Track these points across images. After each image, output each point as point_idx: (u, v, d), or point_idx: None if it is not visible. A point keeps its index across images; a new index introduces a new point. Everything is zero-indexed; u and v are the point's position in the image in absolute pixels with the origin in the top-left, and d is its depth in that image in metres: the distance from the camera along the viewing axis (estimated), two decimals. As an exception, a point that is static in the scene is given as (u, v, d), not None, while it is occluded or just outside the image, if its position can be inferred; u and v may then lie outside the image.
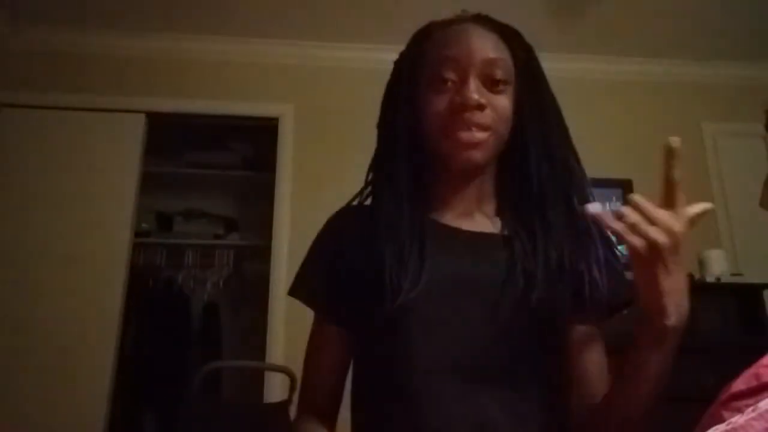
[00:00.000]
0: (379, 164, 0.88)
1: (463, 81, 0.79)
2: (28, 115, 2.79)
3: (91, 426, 2.40)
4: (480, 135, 0.78)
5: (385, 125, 0.89)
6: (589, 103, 3.11)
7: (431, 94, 0.81)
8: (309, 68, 3.00)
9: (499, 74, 0.80)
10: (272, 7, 2.76)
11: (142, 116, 2.86)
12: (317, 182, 2.74)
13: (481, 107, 0.78)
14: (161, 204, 3.37)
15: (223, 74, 2.99)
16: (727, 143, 3.06)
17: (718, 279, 2.44)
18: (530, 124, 0.83)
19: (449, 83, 0.79)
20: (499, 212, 0.87)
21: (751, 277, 2.48)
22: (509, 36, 0.85)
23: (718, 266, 2.50)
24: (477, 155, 0.79)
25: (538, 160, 0.82)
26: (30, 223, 2.64)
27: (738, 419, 0.44)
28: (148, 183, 2.93)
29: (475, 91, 0.77)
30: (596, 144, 3.02)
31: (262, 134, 3.06)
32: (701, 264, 2.55)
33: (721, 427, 0.45)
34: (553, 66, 3.57)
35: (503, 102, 0.80)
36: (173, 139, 3.25)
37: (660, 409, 0.79)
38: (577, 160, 0.86)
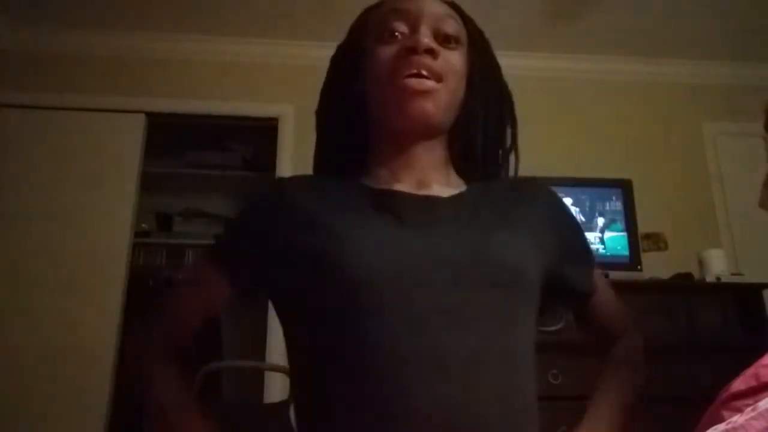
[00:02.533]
0: (321, 132, 0.85)
1: (413, 32, 0.74)
2: (28, 116, 2.79)
3: (92, 426, 2.40)
4: (430, 83, 0.72)
5: (326, 102, 0.85)
6: (589, 103, 3.11)
7: (379, 45, 0.76)
8: (309, 68, 2.98)
9: (450, 29, 0.76)
10: (272, 8, 2.76)
11: (142, 116, 2.86)
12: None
13: (432, 53, 0.72)
14: (161, 204, 3.37)
15: (223, 74, 2.99)
16: (727, 143, 3.06)
17: (718, 279, 2.44)
18: (479, 98, 0.79)
19: (398, 36, 0.75)
20: (457, 177, 0.82)
21: (751, 277, 2.48)
22: (461, 12, 0.82)
23: (718, 266, 2.50)
24: (428, 105, 0.72)
25: (484, 126, 0.80)
26: (30, 223, 2.64)
27: (738, 419, 0.44)
28: (148, 183, 2.93)
29: (427, 36, 0.73)
30: (596, 144, 3.03)
31: (262, 134, 3.06)
32: (701, 264, 2.55)
33: (721, 426, 0.45)
34: (553, 66, 3.60)
35: (455, 56, 0.76)
36: (173, 140, 3.25)
37: (660, 409, 0.79)
38: (514, 135, 0.84)
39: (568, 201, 2.65)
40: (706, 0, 2.70)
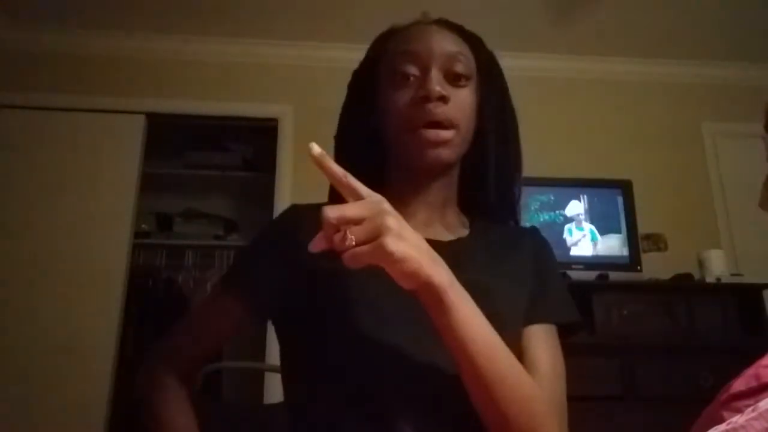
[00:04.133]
0: (339, 157, 0.87)
1: (424, 75, 0.77)
2: (28, 116, 2.79)
3: (92, 426, 2.40)
4: (445, 134, 0.76)
5: (344, 129, 0.88)
6: (589, 103, 3.11)
7: (392, 90, 0.79)
8: (309, 68, 3.00)
9: (460, 68, 0.79)
10: (272, 8, 2.76)
11: (142, 117, 2.86)
12: (317, 183, 2.73)
13: (444, 99, 0.76)
14: (161, 205, 3.37)
15: (222, 75, 2.99)
16: (727, 143, 3.06)
17: (718, 279, 2.44)
18: (490, 124, 0.82)
19: (411, 78, 0.78)
20: (463, 215, 0.87)
21: (751, 277, 2.48)
22: (470, 37, 0.84)
23: (718, 266, 2.50)
24: (444, 153, 0.77)
25: (496, 161, 0.83)
26: (30, 223, 2.64)
27: (738, 419, 0.44)
28: (148, 184, 2.93)
29: (437, 84, 0.76)
30: (596, 144, 3.03)
31: (261, 135, 3.06)
32: (701, 264, 2.55)
33: (721, 427, 0.45)
34: (553, 66, 3.60)
35: (465, 96, 0.79)
36: (173, 140, 3.25)
37: (660, 409, 0.79)
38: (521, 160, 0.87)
39: (577, 202, 2.66)
40: (706, 0, 2.70)
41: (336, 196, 0.86)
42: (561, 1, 2.70)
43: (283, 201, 2.77)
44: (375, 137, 0.82)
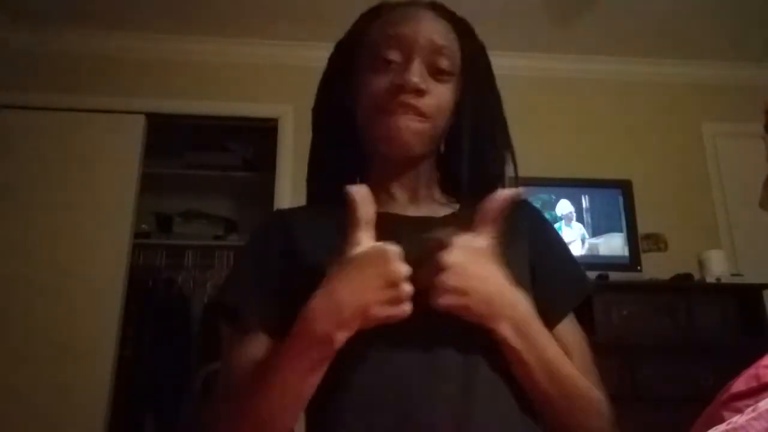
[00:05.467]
0: (315, 157, 0.85)
1: (406, 63, 0.75)
2: (27, 116, 2.79)
3: (91, 427, 2.40)
4: (417, 124, 0.74)
5: (320, 111, 0.86)
6: (588, 103, 3.11)
7: (371, 73, 0.76)
8: (309, 69, 2.96)
9: (443, 63, 0.76)
10: (272, 8, 2.76)
11: (142, 117, 2.86)
12: (317, 183, 2.74)
13: (421, 92, 0.74)
14: (161, 205, 3.37)
15: (222, 75, 2.99)
16: (727, 143, 3.06)
17: (718, 279, 2.44)
18: (466, 120, 0.80)
19: (392, 64, 0.75)
20: (447, 195, 0.85)
21: (751, 277, 2.48)
22: (461, 27, 0.81)
23: (718, 266, 2.50)
24: (412, 141, 0.75)
25: (468, 157, 0.80)
26: (30, 224, 2.64)
27: (738, 419, 0.44)
28: (148, 184, 2.93)
29: (417, 75, 0.73)
30: (596, 144, 3.03)
31: (261, 135, 3.06)
32: (701, 264, 2.55)
33: (722, 427, 0.45)
34: (553, 66, 3.59)
35: (444, 92, 0.77)
36: (173, 140, 3.25)
37: (660, 409, 0.79)
38: (513, 159, 0.83)
39: (568, 201, 2.65)
40: (705, 1, 2.70)
41: (315, 176, 0.85)
42: (561, 1, 2.71)
43: (283, 201, 2.77)
44: (350, 116, 0.80)
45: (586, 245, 2.61)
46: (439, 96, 0.76)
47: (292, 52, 3.01)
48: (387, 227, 0.70)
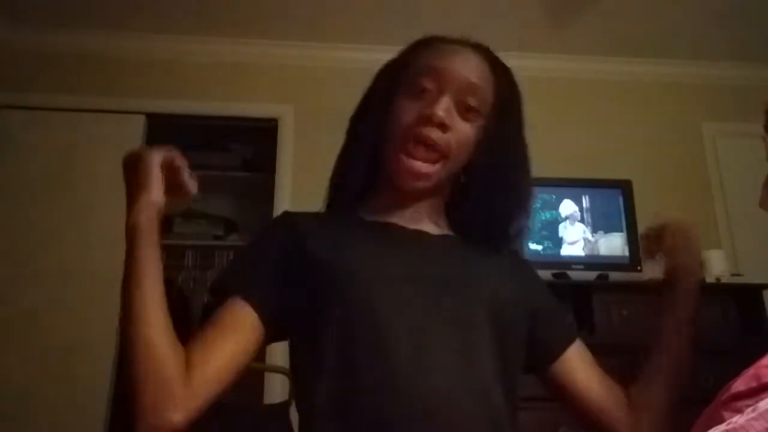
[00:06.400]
0: (341, 165, 0.89)
1: (437, 95, 0.79)
2: (27, 117, 2.79)
3: (91, 427, 2.40)
4: (428, 168, 0.78)
5: (357, 121, 0.89)
6: (588, 103, 3.11)
7: (407, 98, 0.81)
8: (309, 68, 3.00)
9: (473, 102, 0.80)
10: (272, 8, 2.76)
11: (142, 117, 2.86)
12: (317, 183, 2.73)
13: (443, 127, 0.77)
14: (161, 205, 3.37)
15: (222, 75, 2.99)
16: (727, 143, 3.06)
17: (718, 279, 2.44)
18: (487, 160, 0.83)
19: (426, 93, 0.80)
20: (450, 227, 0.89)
21: (751, 277, 2.48)
22: (499, 70, 0.85)
23: (718, 266, 2.50)
24: (420, 185, 0.80)
25: (481, 199, 0.84)
26: (30, 224, 2.64)
27: (738, 419, 0.44)
28: (148, 184, 2.92)
29: (443, 110, 0.77)
30: (596, 144, 3.03)
31: (262, 135, 3.06)
32: (701, 264, 2.54)
33: (722, 427, 0.45)
34: (553, 66, 3.59)
35: (468, 131, 0.80)
36: (173, 141, 3.21)
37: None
38: (529, 204, 0.88)
39: (571, 201, 2.66)
40: (705, 1, 2.70)
41: (332, 205, 0.89)
42: (561, 1, 2.70)
43: (283, 201, 2.77)
44: (375, 141, 0.84)
45: (586, 245, 2.61)
46: (461, 133, 0.80)
47: (292, 52, 3.01)
48: (386, 234, 0.81)
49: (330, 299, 0.72)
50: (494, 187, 0.83)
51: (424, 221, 0.85)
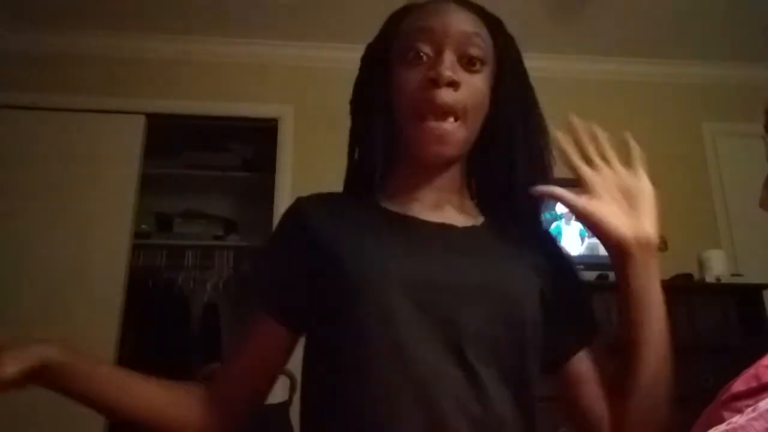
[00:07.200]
0: (353, 148, 0.84)
1: (437, 55, 0.74)
2: (27, 117, 2.79)
3: (92, 426, 2.40)
4: (449, 126, 0.73)
5: (356, 105, 0.85)
6: (588, 103, 3.10)
7: (404, 68, 0.76)
8: (309, 68, 3.00)
9: (475, 51, 0.75)
10: (272, 8, 2.76)
11: (142, 117, 2.86)
12: (317, 183, 2.73)
13: (454, 84, 0.73)
14: (161, 205, 3.37)
15: (222, 75, 2.99)
16: (727, 143, 3.06)
17: (718, 279, 2.44)
18: (508, 112, 0.79)
19: (423, 57, 0.75)
20: (472, 201, 0.84)
21: (751, 277, 2.48)
22: (490, 20, 0.81)
23: (718, 266, 2.50)
24: (446, 149, 0.75)
25: (520, 149, 0.79)
26: (29, 224, 2.64)
27: (738, 419, 0.44)
28: (148, 184, 2.93)
29: (449, 68, 0.73)
30: (596, 144, 3.03)
31: (261, 135, 3.06)
32: (701, 264, 2.55)
33: (722, 427, 0.45)
34: (552, 66, 3.59)
35: (478, 83, 0.76)
36: (173, 140, 3.24)
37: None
38: (552, 157, 0.84)
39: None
40: (705, 0, 2.70)
41: (351, 187, 0.85)
42: (561, 1, 2.70)
43: (283, 201, 2.77)
44: (386, 114, 0.79)
45: (586, 244, 2.61)
46: (473, 87, 0.75)
47: (292, 52, 3.01)
48: (403, 230, 0.75)
49: (343, 306, 0.69)
50: (516, 138, 0.80)
51: (448, 206, 0.80)
